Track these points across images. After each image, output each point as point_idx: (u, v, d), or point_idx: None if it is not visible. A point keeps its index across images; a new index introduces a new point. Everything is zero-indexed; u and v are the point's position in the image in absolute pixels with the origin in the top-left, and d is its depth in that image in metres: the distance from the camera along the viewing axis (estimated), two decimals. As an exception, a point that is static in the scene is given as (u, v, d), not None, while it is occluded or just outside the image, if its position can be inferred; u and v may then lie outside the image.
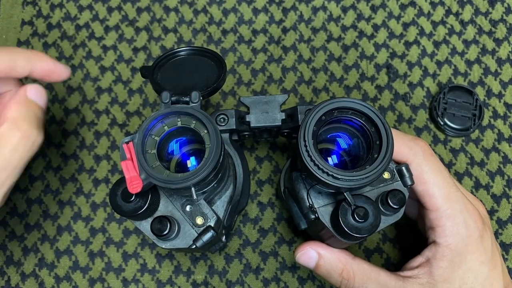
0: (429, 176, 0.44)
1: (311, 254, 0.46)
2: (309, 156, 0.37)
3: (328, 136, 0.42)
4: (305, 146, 0.37)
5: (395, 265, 0.55)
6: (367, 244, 0.56)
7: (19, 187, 0.57)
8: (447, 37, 0.62)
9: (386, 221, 0.41)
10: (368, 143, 0.39)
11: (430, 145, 0.58)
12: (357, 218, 0.38)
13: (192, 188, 0.37)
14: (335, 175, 0.36)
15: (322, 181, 0.37)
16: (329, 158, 0.42)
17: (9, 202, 0.57)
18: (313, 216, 0.42)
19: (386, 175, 0.42)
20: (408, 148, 0.44)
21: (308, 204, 0.42)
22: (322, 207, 0.42)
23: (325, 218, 0.41)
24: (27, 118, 0.44)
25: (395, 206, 0.39)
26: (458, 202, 0.44)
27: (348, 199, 0.39)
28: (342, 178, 0.36)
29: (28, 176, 0.58)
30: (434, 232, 0.45)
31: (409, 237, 0.56)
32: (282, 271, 0.55)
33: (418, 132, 0.59)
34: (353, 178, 0.36)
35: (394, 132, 0.45)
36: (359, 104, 0.38)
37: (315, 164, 0.37)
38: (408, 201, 0.42)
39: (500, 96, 0.60)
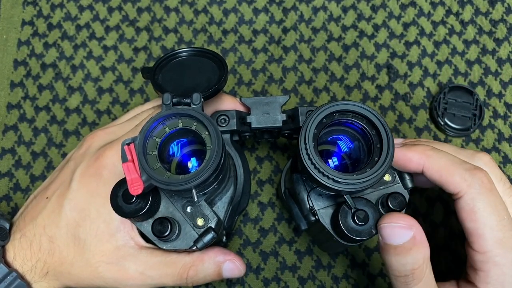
0: (482, 214, 0.39)
1: (408, 233, 0.39)
2: (310, 159, 0.37)
3: (329, 139, 0.42)
4: (306, 149, 0.37)
5: (395, 264, 0.55)
6: (367, 244, 0.56)
7: (21, 187, 0.57)
8: (448, 37, 0.62)
9: None
10: (369, 146, 0.39)
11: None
12: (357, 221, 0.39)
13: (193, 190, 0.37)
14: (335, 178, 0.36)
15: (323, 184, 0.37)
16: (329, 160, 0.42)
17: (10, 202, 0.57)
18: (313, 218, 0.42)
19: (387, 177, 0.42)
20: (462, 179, 0.39)
21: (308, 206, 0.42)
22: (322, 209, 0.42)
23: (325, 220, 0.42)
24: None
25: (395, 209, 0.39)
26: None
27: (349, 201, 0.39)
28: (343, 182, 0.36)
29: (30, 176, 0.58)
30: (475, 274, 0.40)
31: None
32: (282, 271, 0.55)
33: (419, 132, 0.59)
34: (353, 182, 0.36)
35: (453, 150, 0.42)
36: (360, 107, 0.38)
37: (315, 167, 0.37)
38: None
39: (500, 96, 0.60)
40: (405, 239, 0.38)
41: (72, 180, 0.45)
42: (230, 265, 0.45)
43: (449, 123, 0.58)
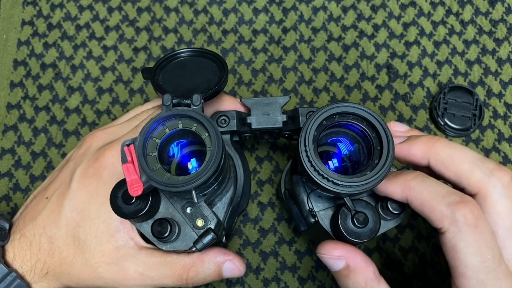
0: (464, 255, 0.36)
1: (339, 262, 0.40)
2: (310, 161, 0.37)
3: (329, 141, 0.42)
4: (306, 151, 0.37)
5: (394, 264, 0.55)
6: (367, 244, 0.56)
7: (21, 187, 0.57)
8: (447, 37, 0.62)
9: (386, 226, 0.41)
10: (369, 149, 0.39)
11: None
12: (356, 224, 0.39)
13: (193, 191, 0.37)
14: (335, 181, 0.36)
15: (322, 186, 0.37)
16: (329, 162, 0.42)
17: (10, 202, 0.57)
18: (312, 220, 0.42)
19: None
20: (444, 215, 0.37)
21: (308, 207, 0.42)
22: (322, 211, 0.42)
23: (325, 222, 0.41)
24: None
25: (395, 212, 0.39)
26: None
27: (348, 204, 0.39)
28: (342, 184, 0.36)
29: (29, 176, 0.58)
30: None
31: (409, 237, 0.56)
32: (282, 271, 0.55)
33: (418, 132, 0.59)
34: (353, 184, 0.36)
35: (473, 159, 0.39)
36: (360, 109, 0.38)
37: (315, 170, 0.36)
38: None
39: (500, 96, 0.60)
40: (339, 267, 0.40)
41: (72, 180, 0.45)
42: (230, 265, 0.45)
43: (449, 123, 0.58)
